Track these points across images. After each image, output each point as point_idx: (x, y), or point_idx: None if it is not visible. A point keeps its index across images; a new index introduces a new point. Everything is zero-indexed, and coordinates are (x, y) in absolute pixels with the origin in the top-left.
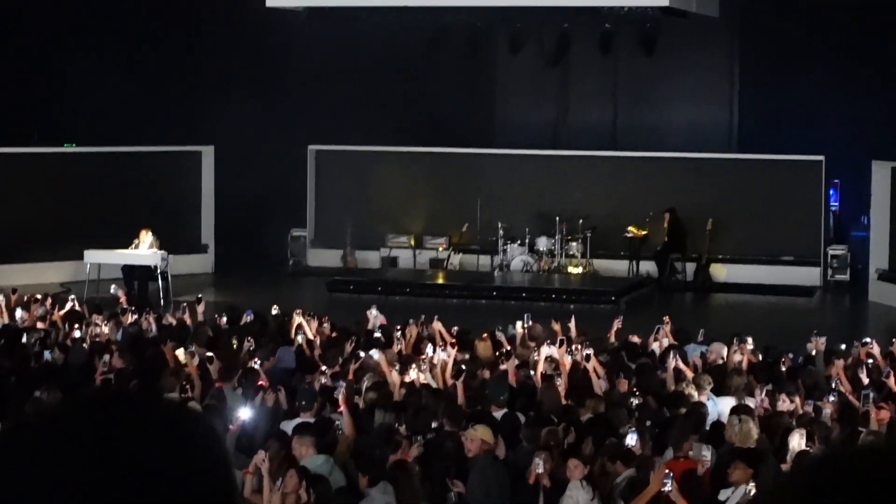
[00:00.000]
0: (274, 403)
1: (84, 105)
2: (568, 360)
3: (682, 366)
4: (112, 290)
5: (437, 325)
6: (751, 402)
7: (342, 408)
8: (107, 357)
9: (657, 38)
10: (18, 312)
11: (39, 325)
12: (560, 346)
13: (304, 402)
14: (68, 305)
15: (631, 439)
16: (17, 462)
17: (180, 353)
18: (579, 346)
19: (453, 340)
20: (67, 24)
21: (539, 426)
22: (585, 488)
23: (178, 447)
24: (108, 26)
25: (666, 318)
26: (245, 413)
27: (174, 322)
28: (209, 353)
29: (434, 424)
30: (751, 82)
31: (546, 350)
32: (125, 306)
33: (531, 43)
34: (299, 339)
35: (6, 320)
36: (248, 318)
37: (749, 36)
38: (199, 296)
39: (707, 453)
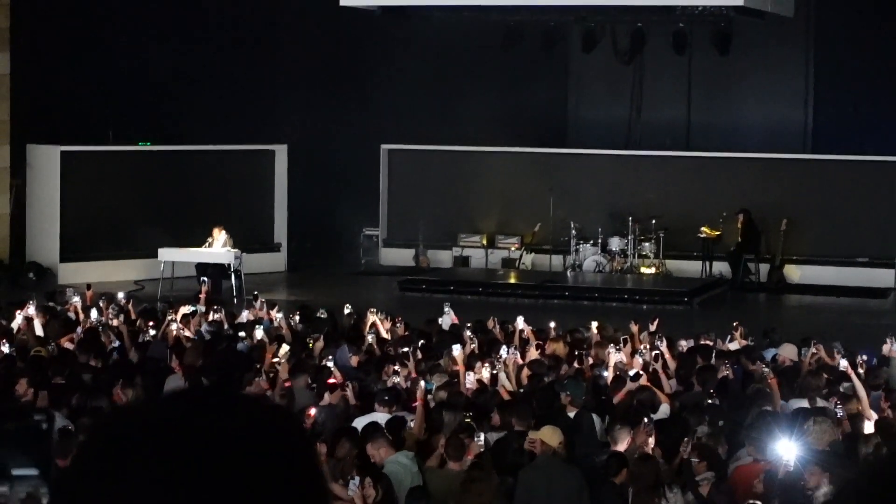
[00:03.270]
0: (343, 401)
1: (159, 104)
2: (638, 361)
3: (751, 367)
4: (202, 282)
5: (522, 324)
6: (823, 404)
7: (418, 405)
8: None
9: (731, 37)
10: (94, 313)
11: (114, 322)
12: (624, 346)
13: (384, 399)
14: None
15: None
16: (106, 457)
17: (283, 350)
18: (647, 347)
19: (537, 340)
20: (142, 22)
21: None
22: (675, 492)
23: (266, 442)
24: (183, 25)
25: (735, 323)
26: (314, 410)
27: (252, 318)
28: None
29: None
30: (825, 83)
31: (614, 356)
32: (202, 306)
33: (605, 41)
34: (369, 338)
35: (82, 318)
36: (322, 316)
37: (824, 36)
38: (256, 293)
39: (786, 455)
